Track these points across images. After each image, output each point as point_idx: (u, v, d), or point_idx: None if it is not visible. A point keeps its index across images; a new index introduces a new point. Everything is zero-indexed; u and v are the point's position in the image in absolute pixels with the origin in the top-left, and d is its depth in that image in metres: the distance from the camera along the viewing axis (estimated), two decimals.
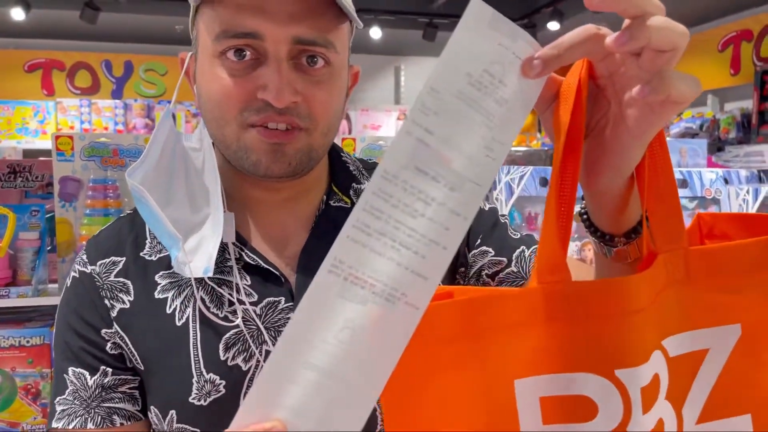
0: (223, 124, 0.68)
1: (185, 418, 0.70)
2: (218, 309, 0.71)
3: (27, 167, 1.67)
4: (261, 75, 0.66)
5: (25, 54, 5.86)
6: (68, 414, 0.72)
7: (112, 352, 0.72)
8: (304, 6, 0.65)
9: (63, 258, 1.47)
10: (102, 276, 0.74)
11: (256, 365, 0.70)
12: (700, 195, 1.70)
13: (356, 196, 0.80)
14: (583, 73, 0.47)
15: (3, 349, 1.40)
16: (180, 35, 5.96)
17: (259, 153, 0.68)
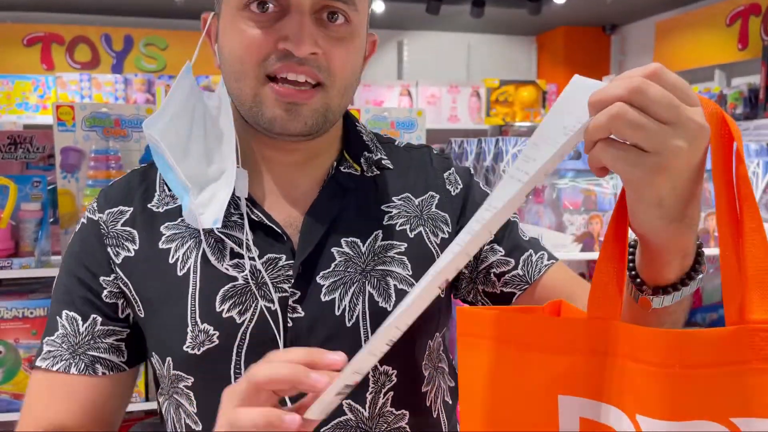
0: (242, 77, 0.70)
1: (180, 366, 0.73)
2: (219, 262, 0.73)
3: (28, 138, 1.65)
4: (283, 26, 0.68)
5: (24, 27, 5.78)
6: (54, 356, 0.75)
7: (107, 301, 0.75)
8: None
9: (66, 229, 1.46)
10: (108, 224, 0.77)
11: (250, 319, 0.72)
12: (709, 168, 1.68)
13: (366, 165, 0.81)
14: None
15: (6, 321, 1.39)
16: (181, 9, 5.88)
17: (275, 111, 0.69)
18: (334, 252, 0.75)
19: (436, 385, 0.82)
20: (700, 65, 5.24)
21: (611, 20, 6.46)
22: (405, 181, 0.83)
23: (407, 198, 0.82)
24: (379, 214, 0.79)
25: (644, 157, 0.45)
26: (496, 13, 5.84)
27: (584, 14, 6.12)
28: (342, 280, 0.74)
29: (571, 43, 6.63)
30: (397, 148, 0.88)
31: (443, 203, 0.83)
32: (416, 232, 0.80)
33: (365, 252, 0.76)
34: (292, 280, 0.73)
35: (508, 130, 4.87)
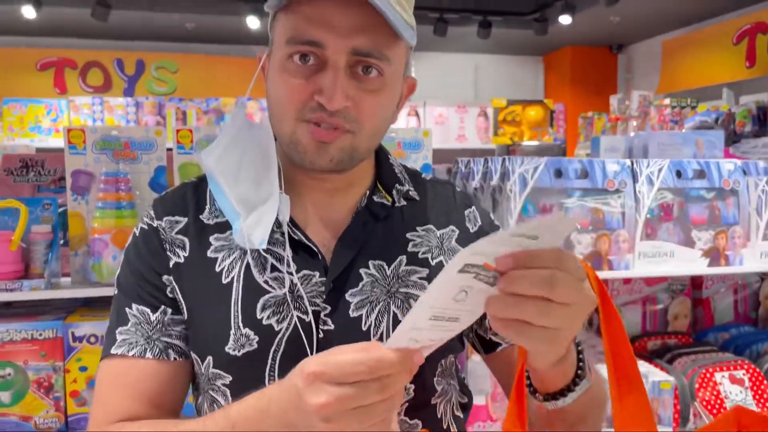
0: (282, 120, 0.79)
1: (220, 365, 0.80)
2: (261, 274, 0.81)
3: (40, 161, 1.67)
4: (319, 80, 0.75)
5: (38, 52, 5.89)
6: (129, 342, 0.81)
7: (170, 296, 0.83)
8: (363, 21, 0.74)
9: (75, 251, 1.47)
10: (166, 230, 0.85)
11: (287, 327, 0.79)
12: (718, 186, 1.67)
13: (397, 196, 0.90)
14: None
15: (15, 342, 1.39)
16: (192, 33, 5.98)
17: (306, 147, 0.78)
18: (362, 273, 0.83)
19: (447, 399, 0.89)
20: (707, 84, 5.25)
21: (618, 40, 6.50)
22: (429, 213, 0.91)
23: (430, 229, 0.90)
24: (404, 242, 0.87)
25: (545, 331, 0.58)
26: (503, 34, 5.89)
27: (590, 34, 6.16)
28: (369, 298, 0.82)
29: (578, 63, 6.67)
30: (423, 180, 0.96)
31: (462, 238, 0.91)
32: (437, 260, 0.87)
33: (390, 275, 0.84)
34: (324, 295, 0.81)
35: (516, 149, 4.88)
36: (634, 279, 2.02)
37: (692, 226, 1.65)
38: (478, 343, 0.94)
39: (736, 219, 1.68)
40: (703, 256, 1.66)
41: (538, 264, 0.56)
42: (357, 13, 0.74)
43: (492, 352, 0.92)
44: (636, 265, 1.62)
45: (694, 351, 1.87)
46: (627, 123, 5.60)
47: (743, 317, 2.20)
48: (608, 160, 1.61)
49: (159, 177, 1.52)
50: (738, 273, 1.93)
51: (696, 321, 2.16)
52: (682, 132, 2.40)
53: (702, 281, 2.11)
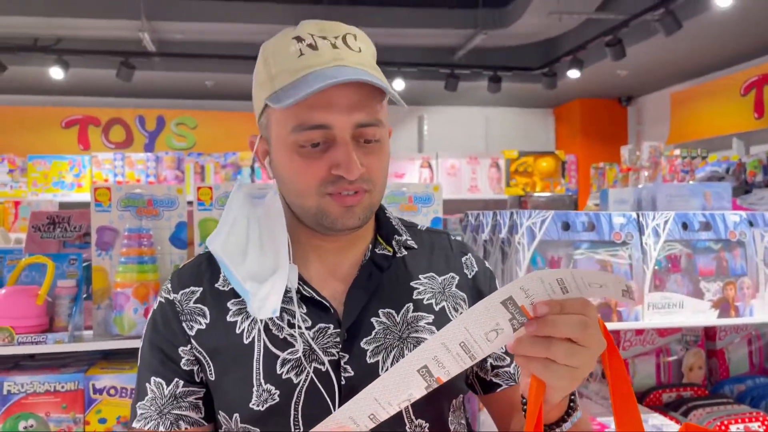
0: (304, 196, 0.86)
1: (247, 420, 0.86)
2: (279, 332, 0.87)
3: (66, 218, 1.74)
4: (333, 156, 0.83)
5: (63, 111, 6.12)
6: (145, 417, 0.88)
7: (185, 368, 0.89)
8: (361, 97, 0.83)
9: (98, 305, 1.52)
10: (183, 303, 0.91)
11: (305, 379, 0.86)
12: (725, 237, 1.70)
13: (397, 246, 0.97)
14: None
15: (38, 395, 1.43)
16: (211, 90, 6.18)
17: (336, 215, 0.86)
18: (374, 321, 0.90)
19: None
20: (717, 134, 5.30)
21: (627, 92, 6.61)
22: (429, 261, 0.98)
23: (432, 277, 0.96)
24: (409, 289, 0.94)
25: (569, 369, 0.67)
26: (513, 88, 6.03)
27: (599, 87, 6.28)
28: (383, 345, 0.89)
29: (588, 115, 6.77)
30: (420, 230, 1.04)
31: (461, 284, 0.98)
32: (440, 306, 0.94)
33: (400, 321, 0.91)
34: (339, 345, 0.87)
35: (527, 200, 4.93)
36: (646, 330, 2.02)
37: (700, 277, 1.67)
38: (478, 384, 0.99)
39: (744, 270, 1.70)
40: (713, 307, 1.67)
41: (570, 310, 0.66)
42: (351, 92, 0.82)
43: (491, 392, 0.98)
44: (646, 316, 1.63)
45: (710, 403, 1.86)
46: (638, 173, 5.64)
47: (759, 368, 2.18)
48: (614, 213, 1.65)
49: (180, 232, 1.58)
50: (749, 324, 1.93)
51: (711, 372, 2.15)
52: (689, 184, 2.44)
53: (715, 332, 2.11)
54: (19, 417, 1.42)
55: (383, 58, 4.28)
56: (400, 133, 7.02)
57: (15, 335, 1.41)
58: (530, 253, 1.55)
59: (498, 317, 0.64)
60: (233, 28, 4.86)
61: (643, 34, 4.54)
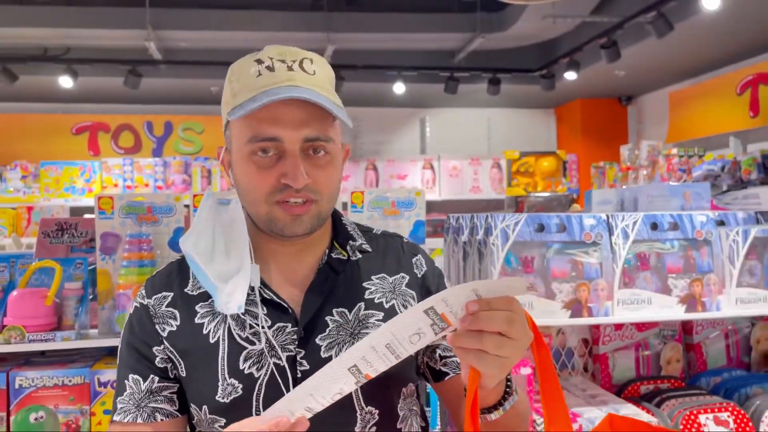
0: (256, 203, 0.95)
1: (214, 411, 0.96)
2: (242, 331, 0.97)
3: (73, 224, 1.87)
4: (282, 166, 0.93)
5: (73, 118, 6.27)
6: (124, 411, 0.98)
7: (159, 366, 0.99)
8: (308, 114, 0.93)
9: (102, 305, 1.64)
10: (156, 307, 1.01)
11: (266, 374, 0.95)
12: (692, 237, 1.79)
13: (351, 251, 1.06)
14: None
15: (48, 388, 1.56)
16: (215, 96, 6.32)
17: (285, 222, 0.95)
18: (328, 320, 0.99)
19: (410, 423, 1.04)
20: (714, 133, 5.36)
21: (626, 92, 6.68)
22: (382, 263, 1.07)
23: (383, 277, 1.06)
24: (361, 290, 1.03)
25: (499, 359, 0.77)
26: (513, 89, 6.11)
27: (599, 87, 6.35)
28: (336, 341, 0.98)
29: (589, 114, 6.84)
30: (375, 235, 1.12)
31: (411, 283, 1.07)
32: (390, 303, 1.03)
33: (352, 319, 1.00)
34: (296, 342, 0.96)
35: (524, 201, 5.01)
36: (625, 325, 2.11)
37: (668, 274, 1.77)
38: (429, 373, 1.08)
39: (711, 267, 1.79)
40: (680, 302, 1.76)
41: (497, 307, 0.75)
42: (301, 109, 0.92)
43: (441, 381, 1.07)
44: (616, 311, 1.73)
45: (683, 394, 1.95)
46: (637, 172, 5.71)
47: (736, 362, 2.26)
48: (585, 215, 1.74)
49: (177, 237, 1.70)
50: (716, 318, 2.02)
51: (690, 365, 2.24)
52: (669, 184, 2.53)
53: (692, 327, 2.19)
54: (30, 409, 1.55)
55: (384, 62, 4.52)
56: (402, 136, 7.12)
57: (26, 333, 1.53)
58: (504, 253, 1.65)
59: (420, 323, 0.74)
60: (235, 35, 4.98)
61: (637, 35, 4.62)
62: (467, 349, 0.76)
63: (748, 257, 1.80)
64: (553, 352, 2.11)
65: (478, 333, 0.75)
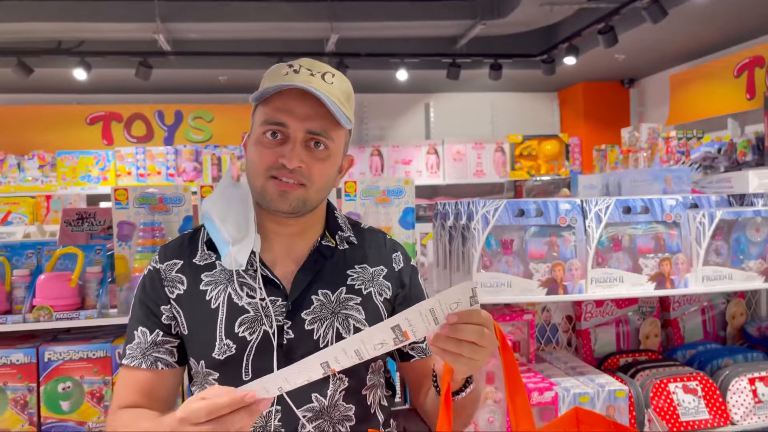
0: (256, 176, 1.12)
1: (209, 366, 1.13)
2: (239, 300, 1.13)
3: (92, 214, 2.04)
4: (283, 149, 1.10)
5: (87, 108, 6.45)
6: (131, 356, 1.15)
7: (165, 322, 1.16)
8: (315, 111, 1.09)
9: (121, 287, 1.81)
10: (166, 272, 1.17)
11: (257, 338, 1.12)
12: (661, 219, 1.93)
13: (339, 240, 1.23)
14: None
15: (74, 361, 1.73)
16: (225, 85, 6.46)
17: (273, 195, 1.11)
18: (313, 298, 1.15)
19: (374, 391, 1.21)
20: (713, 115, 5.43)
21: (628, 74, 6.73)
22: (364, 254, 1.23)
23: (364, 267, 1.22)
24: (344, 276, 1.19)
25: (471, 361, 0.93)
26: (516, 74, 6.20)
27: (601, 70, 6.42)
28: (318, 317, 1.14)
29: (591, 98, 6.91)
30: (362, 229, 1.29)
31: (388, 276, 1.23)
32: (368, 291, 1.20)
33: (333, 300, 1.16)
34: (285, 314, 1.13)
35: (522, 185, 5.13)
36: (606, 302, 2.26)
37: (639, 254, 1.91)
38: (396, 354, 1.25)
39: (680, 247, 1.93)
40: (650, 280, 1.91)
41: (473, 320, 0.92)
42: (312, 105, 1.08)
43: (406, 361, 1.24)
44: (589, 289, 1.88)
45: (658, 366, 2.10)
46: (637, 155, 5.81)
47: (713, 336, 2.41)
48: (561, 200, 1.88)
49: (187, 225, 1.86)
50: (684, 294, 2.16)
51: (668, 340, 2.38)
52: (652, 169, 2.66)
53: (669, 303, 2.34)
54: (59, 380, 1.73)
55: (386, 50, 4.74)
56: (407, 121, 7.24)
57: (53, 313, 1.71)
58: (484, 237, 1.80)
59: (385, 336, 0.91)
60: (241, 26, 5.11)
61: (634, 20, 4.69)
62: (446, 351, 0.92)
63: (714, 238, 1.93)
64: (539, 327, 2.27)
65: (457, 340, 0.91)
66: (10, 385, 1.71)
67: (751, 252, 1.95)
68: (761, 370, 1.98)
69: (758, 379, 1.96)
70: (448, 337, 0.91)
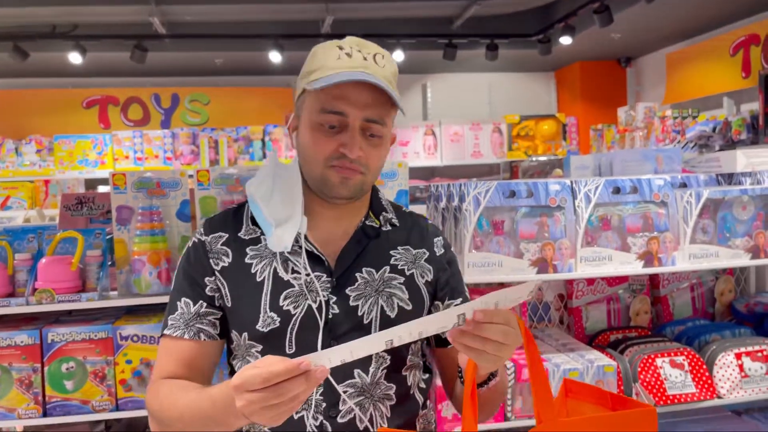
0: (314, 164, 1.13)
1: (253, 338, 1.14)
2: (284, 274, 1.15)
3: (91, 198, 2.07)
4: (342, 137, 1.11)
5: (83, 92, 6.45)
6: (174, 326, 1.16)
7: (208, 294, 1.17)
8: (372, 98, 1.10)
9: (120, 270, 1.85)
10: (212, 244, 1.19)
11: (301, 312, 1.13)
12: (650, 199, 1.96)
13: (383, 221, 1.25)
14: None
15: (76, 342, 1.78)
16: (220, 68, 6.46)
17: (334, 182, 1.13)
18: (357, 276, 1.17)
19: (413, 373, 1.22)
20: (709, 93, 5.44)
21: (625, 53, 6.73)
22: (407, 237, 1.25)
23: (407, 249, 1.24)
24: (387, 256, 1.21)
25: (495, 358, 0.95)
26: (513, 54, 6.19)
27: (598, 49, 6.41)
28: (363, 294, 1.16)
29: (588, 77, 6.91)
30: (404, 212, 1.31)
31: (429, 259, 1.25)
32: (411, 272, 1.22)
33: (377, 279, 1.18)
34: (329, 290, 1.15)
35: (518, 165, 5.16)
36: (596, 280, 2.31)
37: (627, 233, 1.95)
38: (433, 339, 1.26)
39: (667, 226, 1.97)
40: (638, 258, 1.95)
41: (498, 320, 0.93)
42: (369, 92, 1.09)
43: (443, 347, 1.25)
44: (579, 268, 1.92)
45: (646, 341, 2.15)
46: (633, 134, 5.83)
47: (702, 312, 2.46)
48: (551, 180, 1.92)
49: (184, 208, 1.90)
50: (672, 272, 2.21)
51: (658, 317, 2.43)
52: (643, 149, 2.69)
53: (659, 281, 2.38)
54: (62, 360, 1.78)
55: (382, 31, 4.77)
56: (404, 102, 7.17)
57: (55, 295, 1.75)
58: (476, 218, 1.84)
59: (448, 322, 0.94)
60: (236, 9, 5.10)
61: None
62: (470, 347, 0.94)
63: (702, 216, 1.97)
64: (531, 306, 2.32)
65: (481, 338, 0.93)
66: (15, 366, 1.75)
67: (738, 230, 1.99)
68: (748, 345, 2.03)
69: (745, 354, 2.02)
70: (474, 335, 0.93)
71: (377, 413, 1.15)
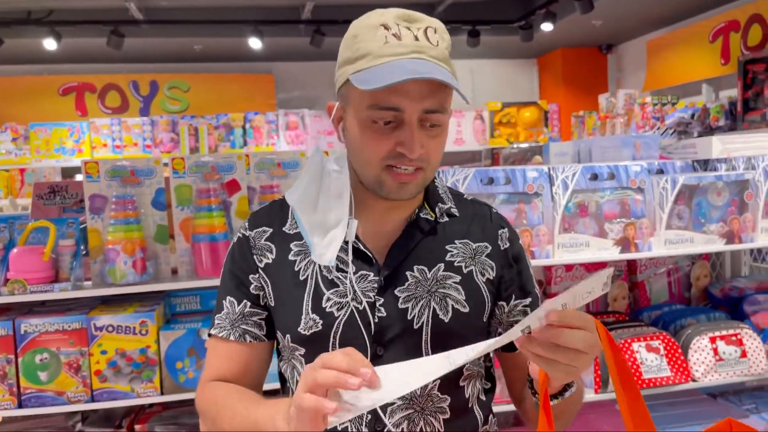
0: (368, 165, 1.00)
1: (295, 341, 1.05)
2: (329, 273, 1.05)
3: (64, 187, 2.04)
4: (399, 135, 0.96)
5: (59, 79, 6.33)
6: (220, 326, 1.09)
7: (253, 292, 1.09)
8: (431, 87, 0.95)
9: (94, 259, 1.83)
10: (256, 239, 1.10)
11: (345, 314, 1.03)
12: (627, 185, 1.97)
13: (439, 212, 1.10)
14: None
15: (50, 333, 1.75)
16: (200, 54, 6.37)
17: (392, 187, 1.00)
18: (408, 275, 1.05)
19: (473, 383, 1.10)
20: (689, 80, 5.48)
21: (606, 40, 6.75)
22: (467, 228, 1.11)
23: (466, 243, 1.09)
24: (443, 252, 1.07)
25: (570, 368, 0.82)
26: (495, 41, 6.18)
27: (579, 36, 6.42)
28: (413, 295, 1.04)
29: (570, 64, 6.93)
30: (465, 200, 1.16)
31: (492, 254, 1.10)
32: (469, 269, 1.07)
33: (430, 278, 1.05)
34: (376, 290, 1.03)
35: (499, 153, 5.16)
36: (575, 266, 2.32)
37: (605, 220, 1.96)
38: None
39: (644, 212, 1.98)
40: (615, 244, 1.96)
41: (575, 324, 0.79)
42: (424, 82, 0.93)
43: (511, 351, 1.11)
44: (556, 254, 1.93)
45: (623, 326, 2.17)
46: (614, 121, 5.86)
47: (678, 297, 2.49)
48: (529, 168, 1.92)
49: (159, 197, 1.88)
50: (648, 257, 2.23)
51: (635, 302, 2.46)
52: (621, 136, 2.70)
53: (636, 266, 2.41)
54: (36, 351, 1.75)
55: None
56: None
57: (27, 286, 1.72)
58: None
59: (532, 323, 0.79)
60: None
61: None
62: (540, 356, 0.81)
63: (677, 202, 1.98)
64: None
65: (554, 345, 0.79)
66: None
67: (712, 216, 2.00)
68: (722, 329, 2.05)
69: (719, 338, 2.04)
70: (544, 343, 0.79)
71: (428, 428, 1.04)
